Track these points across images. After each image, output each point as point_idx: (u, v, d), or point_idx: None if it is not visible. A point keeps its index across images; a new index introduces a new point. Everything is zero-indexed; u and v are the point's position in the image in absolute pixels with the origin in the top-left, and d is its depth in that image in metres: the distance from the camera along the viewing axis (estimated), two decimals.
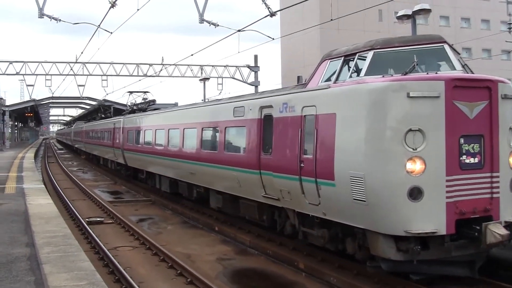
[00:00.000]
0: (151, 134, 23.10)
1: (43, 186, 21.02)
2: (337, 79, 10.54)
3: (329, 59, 11.20)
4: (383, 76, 9.61)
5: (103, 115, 53.91)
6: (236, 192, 14.49)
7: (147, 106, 31.24)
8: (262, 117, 12.82)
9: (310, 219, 11.27)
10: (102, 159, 40.17)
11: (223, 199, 15.97)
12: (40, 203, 15.34)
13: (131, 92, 35.70)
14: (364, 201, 9.29)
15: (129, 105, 34.84)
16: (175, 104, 29.43)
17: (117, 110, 54.17)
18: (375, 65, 10.01)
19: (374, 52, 10.16)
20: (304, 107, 10.96)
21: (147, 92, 34.80)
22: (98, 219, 17.98)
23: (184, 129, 18.54)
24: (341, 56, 10.83)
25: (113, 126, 32.24)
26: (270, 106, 12.44)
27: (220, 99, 18.40)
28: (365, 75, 9.92)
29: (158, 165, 22.27)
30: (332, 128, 9.94)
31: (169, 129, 20.39)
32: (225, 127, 15.00)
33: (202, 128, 16.84)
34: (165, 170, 21.22)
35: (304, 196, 10.84)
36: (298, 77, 14.74)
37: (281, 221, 13.02)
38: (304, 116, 10.93)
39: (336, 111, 9.95)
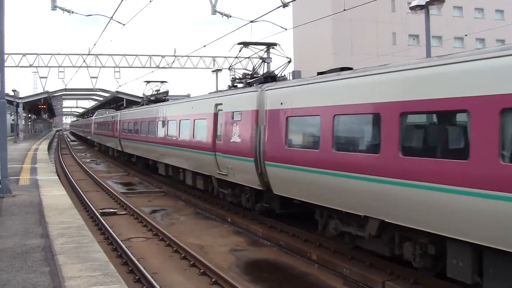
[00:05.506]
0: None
1: (57, 177, 21.19)
2: None
3: None
4: None
5: (151, 97, 30.20)
6: None
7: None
8: None
9: None
10: (166, 167, 23.71)
11: None
12: (54, 195, 15.48)
13: (245, 44, 17.72)
14: None
15: (252, 73, 17.34)
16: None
17: (131, 102, 54.24)
18: None
19: None
20: None
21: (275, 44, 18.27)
22: (111, 210, 18.08)
23: None
24: None
25: (214, 111, 16.76)
26: None
27: None
28: None
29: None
30: None
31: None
32: None
33: None
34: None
35: None
36: None
37: None
38: None
39: None
